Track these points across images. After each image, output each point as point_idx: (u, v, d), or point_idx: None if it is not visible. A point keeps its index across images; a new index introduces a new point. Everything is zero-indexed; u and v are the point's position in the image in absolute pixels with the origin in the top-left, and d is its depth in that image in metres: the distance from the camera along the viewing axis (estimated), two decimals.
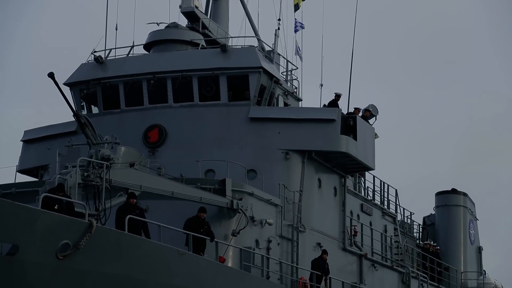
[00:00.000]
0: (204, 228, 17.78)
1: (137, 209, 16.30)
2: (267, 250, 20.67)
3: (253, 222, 20.25)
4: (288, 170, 22.73)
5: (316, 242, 23.22)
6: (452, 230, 35.02)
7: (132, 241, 14.94)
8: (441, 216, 35.50)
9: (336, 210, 24.77)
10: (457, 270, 33.88)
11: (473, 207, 36.71)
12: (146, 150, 22.25)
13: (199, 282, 16.34)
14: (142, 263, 15.03)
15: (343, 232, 24.87)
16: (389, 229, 29.01)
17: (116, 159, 16.79)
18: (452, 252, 34.50)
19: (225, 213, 19.72)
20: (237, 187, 20.05)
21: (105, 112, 23.62)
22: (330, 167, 24.37)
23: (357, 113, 25.12)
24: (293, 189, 22.37)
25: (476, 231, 36.70)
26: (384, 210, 28.96)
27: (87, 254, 13.91)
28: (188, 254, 16.28)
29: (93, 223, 13.87)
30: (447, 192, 35.82)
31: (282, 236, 21.59)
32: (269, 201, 21.15)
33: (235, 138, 22.65)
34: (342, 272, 23.96)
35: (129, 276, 14.73)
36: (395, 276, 27.92)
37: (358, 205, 26.70)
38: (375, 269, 26.55)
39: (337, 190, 24.90)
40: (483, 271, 36.14)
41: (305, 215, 22.65)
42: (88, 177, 15.52)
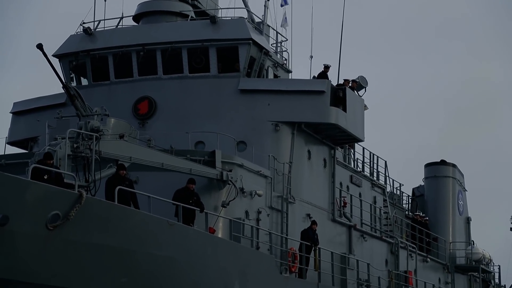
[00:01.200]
0: (193, 199, 17.88)
1: (126, 180, 16.36)
2: (256, 221, 20.81)
3: (243, 194, 20.36)
4: (277, 142, 22.81)
5: (306, 213, 23.39)
6: (441, 201, 35.32)
7: (122, 212, 15.02)
8: (430, 187, 35.78)
9: (325, 181, 24.91)
10: (445, 241, 34.21)
11: (462, 178, 36.98)
12: (136, 122, 22.26)
13: (188, 252, 16.46)
14: (132, 234, 15.12)
15: (333, 203, 25.04)
16: (378, 200, 29.21)
17: (106, 131, 16.79)
18: (441, 223, 34.83)
19: (215, 184, 19.81)
20: (227, 159, 20.13)
21: (95, 84, 23.57)
22: (319, 139, 24.47)
23: (347, 84, 25.16)
24: (282, 161, 22.47)
25: (464, 202, 37.01)
26: (373, 182, 29.12)
27: (77, 225, 13.98)
28: (177, 225, 16.38)
29: (83, 194, 13.92)
30: (436, 164, 36.06)
31: (271, 207, 21.73)
32: (258, 173, 21.25)
33: (225, 110, 22.67)
34: (331, 242, 24.16)
35: (119, 247, 14.82)
36: (384, 247, 28.16)
37: (348, 177, 26.85)
38: (364, 239, 26.77)
39: (327, 162, 25.02)
40: (471, 241, 36.53)
41: (294, 187, 22.78)
42: (78, 148, 15.55)
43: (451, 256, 34.32)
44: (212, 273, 17.01)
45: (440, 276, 32.82)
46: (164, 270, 15.77)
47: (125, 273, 15.00)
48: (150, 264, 15.48)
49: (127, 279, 15.01)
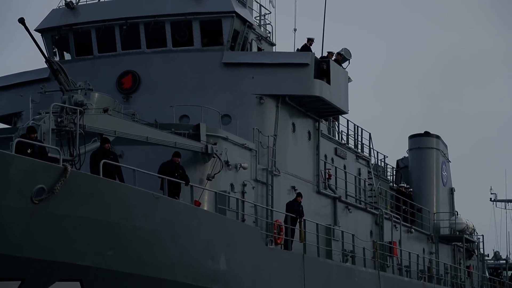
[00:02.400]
0: (178, 172, 17.95)
1: (111, 154, 16.38)
2: (242, 194, 20.94)
3: (227, 167, 20.45)
4: (262, 115, 22.86)
5: (291, 186, 23.53)
6: (424, 172, 35.61)
7: (107, 186, 15.06)
8: (414, 159, 36.04)
9: (310, 154, 25.04)
10: (429, 211, 34.54)
11: (445, 149, 37.25)
12: (120, 96, 22.21)
13: (174, 225, 16.55)
14: (117, 207, 15.18)
15: (317, 175, 25.19)
16: (363, 172, 29.39)
17: (90, 105, 16.78)
18: (425, 194, 35.15)
19: (200, 157, 19.88)
20: (212, 132, 20.18)
21: (78, 58, 23.46)
22: (304, 112, 24.54)
23: (330, 57, 25.19)
24: (267, 134, 22.55)
25: (448, 173, 37.32)
26: (358, 154, 29.28)
27: (62, 199, 14.02)
28: (163, 198, 16.45)
29: (67, 168, 13.94)
30: (420, 135, 36.30)
31: (257, 180, 21.84)
32: (243, 146, 21.33)
33: (209, 83, 22.67)
34: (317, 214, 24.35)
35: (104, 220, 14.88)
36: (368, 218, 28.40)
37: (332, 149, 26.98)
38: (349, 211, 26.99)
39: (311, 134, 25.13)
40: (455, 211, 36.92)
41: (279, 159, 22.88)
42: (62, 122, 15.53)
43: (435, 227, 34.68)
44: (197, 245, 17.12)
45: (424, 247, 33.18)
46: (149, 243, 15.87)
47: (110, 246, 15.08)
48: (136, 237, 15.56)
49: (113, 252, 15.09)
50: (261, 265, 19.16)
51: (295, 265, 20.44)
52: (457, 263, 35.98)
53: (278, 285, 19.65)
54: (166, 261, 16.19)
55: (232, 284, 17.94)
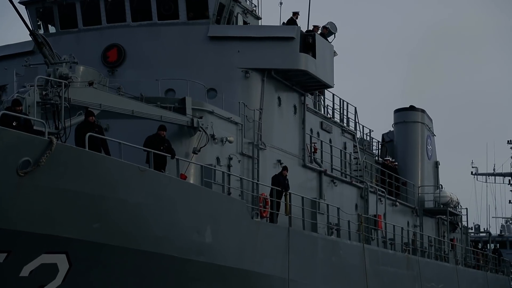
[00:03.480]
0: (164, 146, 17.98)
1: (96, 127, 16.36)
2: (228, 167, 21.02)
3: (213, 140, 20.51)
4: (248, 89, 22.87)
5: (277, 159, 23.63)
6: (410, 146, 35.82)
7: (93, 158, 15.07)
8: (400, 133, 36.23)
9: (296, 127, 25.12)
10: (414, 185, 34.79)
11: (430, 123, 37.45)
12: (105, 70, 22.13)
13: (160, 198, 16.61)
14: (103, 180, 15.21)
15: (303, 149, 25.29)
16: (348, 146, 29.53)
17: (75, 78, 16.69)
18: (410, 168, 35.37)
19: (186, 131, 19.91)
20: (197, 106, 20.19)
21: (62, 31, 23.32)
22: (289, 85, 24.57)
23: (316, 30, 25.17)
24: (253, 107, 22.58)
25: (433, 147, 37.56)
26: (343, 128, 29.39)
27: (48, 171, 14.04)
28: (149, 171, 16.49)
29: (53, 140, 13.93)
30: (405, 109, 36.45)
31: (242, 153, 21.92)
32: (229, 119, 21.37)
33: (195, 57, 22.62)
34: (302, 188, 24.48)
35: (90, 193, 14.92)
36: (354, 191, 28.58)
37: (318, 123, 27.07)
38: (335, 184, 27.14)
39: (297, 108, 25.19)
40: (439, 185, 37.21)
41: (265, 133, 22.95)
42: (47, 96, 15.46)
43: (419, 200, 34.96)
44: (183, 218, 17.21)
45: (409, 220, 33.46)
46: (135, 216, 15.93)
47: (96, 219, 15.14)
48: (122, 210, 15.62)
49: (98, 225, 15.15)
50: (246, 238, 19.28)
51: (281, 238, 20.59)
52: (441, 235, 36.33)
53: (264, 257, 19.80)
54: (151, 234, 16.27)
55: (217, 257, 18.06)
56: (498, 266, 40.92)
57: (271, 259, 20.05)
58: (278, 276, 20.09)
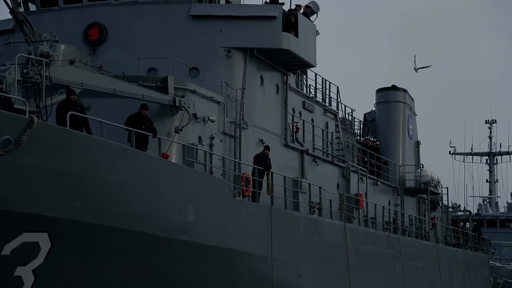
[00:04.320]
0: (146, 125, 17.94)
1: (77, 105, 16.30)
2: (210, 147, 21.03)
3: (195, 119, 20.50)
4: (230, 68, 22.84)
5: (259, 139, 23.66)
6: (391, 126, 35.97)
7: (74, 137, 15.03)
8: (381, 112, 36.36)
9: (278, 107, 25.14)
10: (395, 164, 34.99)
11: (412, 103, 37.61)
12: (87, 48, 21.99)
13: (142, 178, 16.59)
14: (85, 159, 15.17)
15: (285, 128, 25.34)
16: (330, 125, 29.61)
17: (56, 57, 16.60)
18: (391, 147, 35.55)
19: (168, 110, 19.88)
20: (179, 85, 20.15)
21: (43, 9, 23.12)
22: (272, 65, 24.56)
23: (299, 10, 25.12)
24: (235, 87, 22.57)
25: (414, 126, 37.76)
26: (325, 107, 29.45)
27: (29, 150, 13.99)
28: (131, 150, 16.46)
29: (34, 119, 13.87)
30: (387, 89, 36.56)
31: (225, 133, 21.93)
32: (211, 99, 21.35)
33: (177, 36, 22.53)
34: (284, 167, 24.56)
35: (72, 171, 14.90)
36: (335, 171, 28.70)
37: (300, 102, 27.11)
38: (316, 164, 27.25)
39: (279, 88, 25.20)
40: (420, 164, 37.45)
41: (247, 112, 22.96)
42: (28, 74, 15.36)
43: (401, 179, 35.17)
44: (165, 197, 17.22)
45: (390, 199, 33.68)
46: (117, 194, 15.93)
47: (78, 198, 15.12)
48: (103, 189, 15.61)
49: (80, 204, 15.14)
50: (228, 217, 19.34)
51: (263, 217, 20.67)
52: (421, 214, 36.63)
53: (246, 236, 19.89)
54: (133, 213, 16.29)
55: (200, 235, 18.11)
56: (478, 244, 41.35)
57: (253, 238, 20.14)
58: (260, 254, 20.20)
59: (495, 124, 63.97)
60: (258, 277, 20.10)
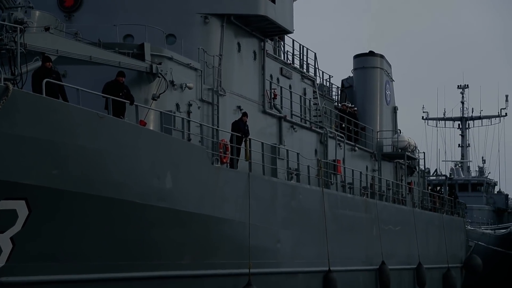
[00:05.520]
0: (123, 92, 17.89)
1: (53, 73, 16.19)
2: (187, 114, 21.02)
3: (173, 86, 20.46)
4: (207, 35, 22.75)
5: (236, 105, 23.68)
6: (369, 92, 36.06)
7: (50, 105, 14.97)
8: (359, 78, 36.41)
9: (255, 73, 25.13)
10: (373, 130, 35.17)
11: (389, 68, 37.69)
12: (62, 15, 21.77)
13: (119, 145, 16.60)
14: (61, 126, 15.13)
15: (263, 95, 25.36)
16: (308, 92, 29.66)
17: (31, 23, 16.45)
18: (369, 113, 35.68)
19: (145, 77, 19.82)
20: (156, 52, 20.08)
21: None
22: (249, 31, 24.49)
23: None
24: (212, 53, 22.50)
25: (392, 92, 37.89)
26: (303, 74, 29.46)
27: (5, 118, 13.92)
28: (108, 118, 16.43)
29: (9, 86, 13.79)
30: (364, 55, 36.56)
31: (202, 100, 21.92)
32: (188, 65, 21.29)
33: (153, 2, 22.35)
34: (262, 134, 24.63)
35: (49, 139, 14.86)
36: (313, 137, 28.82)
37: (278, 69, 27.10)
38: (294, 130, 27.34)
39: (257, 54, 25.16)
40: (397, 130, 37.65)
41: (225, 79, 22.93)
42: (2, 41, 15.21)
43: (378, 145, 35.37)
44: (143, 165, 17.25)
45: (367, 164, 33.90)
46: (95, 162, 15.93)
47: (55, 166, 15.11)
48: (81, 156, 15.60)
49: (57, 171, 15.13)
50: (207, 183, 19.42)
51: (241, 183, 20.77)
52: (398, 179, 36.95)
53: (224, 203, 20.00)
54: (111, 180, 16.31)
55: (178, 202, 18.19)
56: (454, 208, 41.85)
57: (231, 204, 20.26)
58: (238, 220, 20.35)
59: (467, 89, 64.50)
60: (236, 243, 20.26)
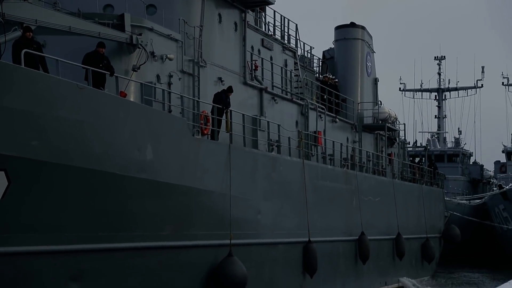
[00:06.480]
0: (103, 63, 17.78)
1: (34, 43, 16.05)
2: (168, 85, 20.95)
3: (153, 58, 20.35)
4: (188, 5, 22.60)
5: (217, 77, 23.63)
6: (350, 63, 36.07)
7: (30, 75, 14.86)
8: (340, 50, 36.39)
9: (236, 45, 25.05)
10: (354, 101, 35.27)
11: (370, 40, 37.68)
12: None
13: (100, 116, 16.52)
14: (41, 97, 15.04)
15: (244, 66, 25.31)
16: (289, 63, 29.63)
17: None
18: (350, 84, 35.74)
19: (125, 48, 19.70)
20: (136, 22, 19.95)
21: None
22: (230, 2, 24.36)
23: None
24: (193, 24, 22.38)
25: (373, 64, 37.94)
26: (284, 45, 29.40)
27: None
28: (88, 89, 16.34)
29: None
30: (345, 26, 36.51)
31: (183, 71, 21.84)
32: (169, 36, 21.17)
33: None
34: (243, 105, 24.62)
35: (28, 110, 14.78)
36: (294, 108, 28.86)
37: (259, 40, 27.02)
38: (275, 102, 27.36)
39: (238, 25, 25.06)
40: (378, 101, 37.78)
41: (205, 50, 22.84)
42: None
43: (359, 116, 35.51)
44: (123, 136, 17.20)
45: (348, 135, 34.05)
46: (75, 134, 15.86)
47: (35, 137, 15.04)
48: (61, 127, 15.52)
49: (37, 142, 15.07)
50: (187, 155, 19.42)
51: (222, 155, 20.80)
52: (379, 151, 37.16)
53: (205, 174, 20.03)
54: (92, 152, 16.27)
55: (158, 174, 18.19)
56: (433, 179, 42.18)
57: (212, 176, 20.29)
58: (219, 192, 20.40)
59: (444, 61, 64.73)
60: (216, 214, 20.34)
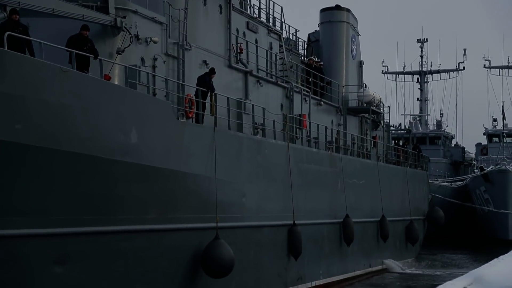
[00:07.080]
0: (87, 46, 17.68)
1: (20, 26, 15.92)
2: (153, 68, 20.88)
3: (138, 40, 20.26)
4: None
5: (202, 60, 23.57)
6: (335, 46, 36.07)
7: (13, 58, 14.75)
8: (325, 32, 36.36)
9: (221, 28, 24.96)
10: (338, 84, 35.31)
11: (355, 22, 37.67)
12: None
13: (84, 100, 16.46)
14: (24, 80, 14.95)
15: (229, 49, 25.24)
16: (274, 46, 29.58)
17: None
18: (335, 67, 35.75)
19: (109, 31, 19.58)
20: (120, 5, 19.83)
21: None
22: None
23: None
24: (177, 7, 22.27)
25: (358, 46, 37.94)
26: (269, 28, 29.33)
27: None
28: (72, 72, 16.25)
29: None
30: (331, 9, 36.47)
31: (167, 54, 21.75)
32: (153, 19, 21.06)
33: None
34: (228, 88, 24.59)
35: (12, 93, 14.70)
36: (279, 91, 28.86)
37: (244, 23, 26.95)
38: (260, 85, 27.34)
39: (222, 8, 24.96)
40: (363, 84, 37.83)
41: (190, 33, 22.75)
42: None
43: (343, 99, 35.57)
44: (108, 119, 17.15)
45: (333, 119, 34.12)
46: (59, 117, 15.80)
47: (19, 120, 14.97)
48: (45, 111, 15.46)
49: (21, 125, 15.00)
50: (172, 138, 19.40)
51: (206, 138, 20.79)
52: (363, 133, 37.27)
53: (190, 157, 20.03)
54: (76, 135, 16.21)
55: (143, 157, 18.18)
56: (418, 161, 42.39)
57: (197, 159, 20.30)
58: (204, 175, 20.42)
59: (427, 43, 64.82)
60: (202, 197, 20.36)
